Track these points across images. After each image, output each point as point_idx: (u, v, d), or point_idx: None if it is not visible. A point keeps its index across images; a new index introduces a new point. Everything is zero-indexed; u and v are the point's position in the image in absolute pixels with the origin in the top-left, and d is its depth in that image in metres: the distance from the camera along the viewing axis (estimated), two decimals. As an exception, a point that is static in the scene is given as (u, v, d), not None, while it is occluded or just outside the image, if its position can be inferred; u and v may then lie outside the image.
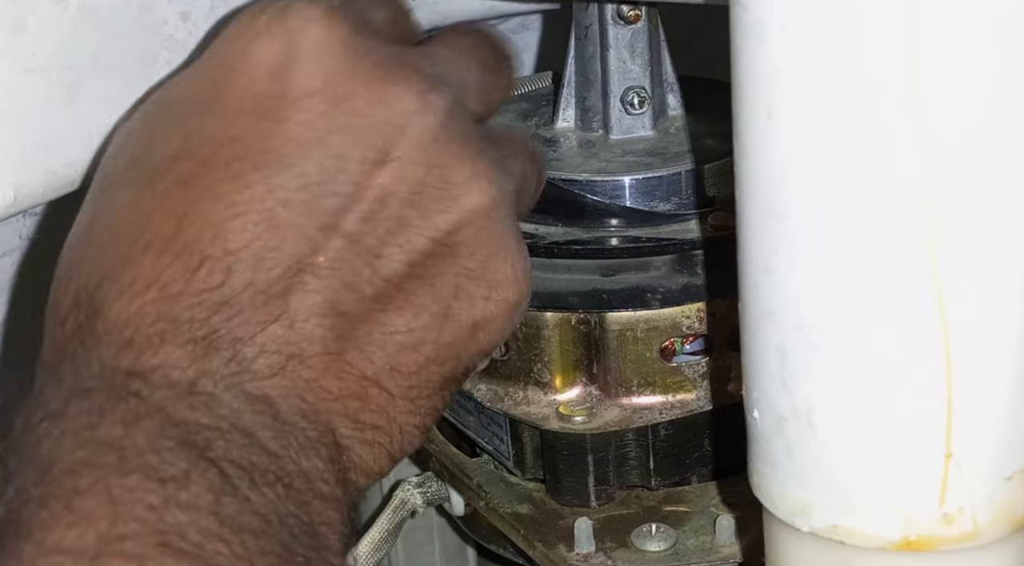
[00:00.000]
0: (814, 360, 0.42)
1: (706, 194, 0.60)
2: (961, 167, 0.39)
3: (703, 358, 0.58)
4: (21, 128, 0.49)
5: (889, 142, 0.39)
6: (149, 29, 0.52)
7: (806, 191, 0.40)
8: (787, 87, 0.40)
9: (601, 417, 0.58)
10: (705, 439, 0.59)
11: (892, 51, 0.38)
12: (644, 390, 0.58)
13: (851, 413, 0.42)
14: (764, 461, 0.46)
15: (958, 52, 0.37)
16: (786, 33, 0.39)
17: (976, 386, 0.41)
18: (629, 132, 0.63)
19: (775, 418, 0.44)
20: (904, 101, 0.38)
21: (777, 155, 0.41)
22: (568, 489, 0.58)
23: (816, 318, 0.42)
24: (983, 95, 0.38)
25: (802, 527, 0.45)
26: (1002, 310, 0.41)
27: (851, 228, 0.40)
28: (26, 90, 0.49)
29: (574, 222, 0.60)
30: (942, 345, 0.40)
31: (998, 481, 0.43)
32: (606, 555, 0.56)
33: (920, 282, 0.40)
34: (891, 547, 0.43)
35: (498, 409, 0.59)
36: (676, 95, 0.65)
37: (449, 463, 0.63)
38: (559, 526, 0.58)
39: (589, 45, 0.62)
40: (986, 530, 0.43)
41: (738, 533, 0.56)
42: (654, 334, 0.57)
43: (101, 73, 0.51)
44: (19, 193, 0.50)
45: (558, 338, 0.58)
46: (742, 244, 0.44)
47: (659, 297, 0.57)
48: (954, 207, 0.39)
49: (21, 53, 0.48)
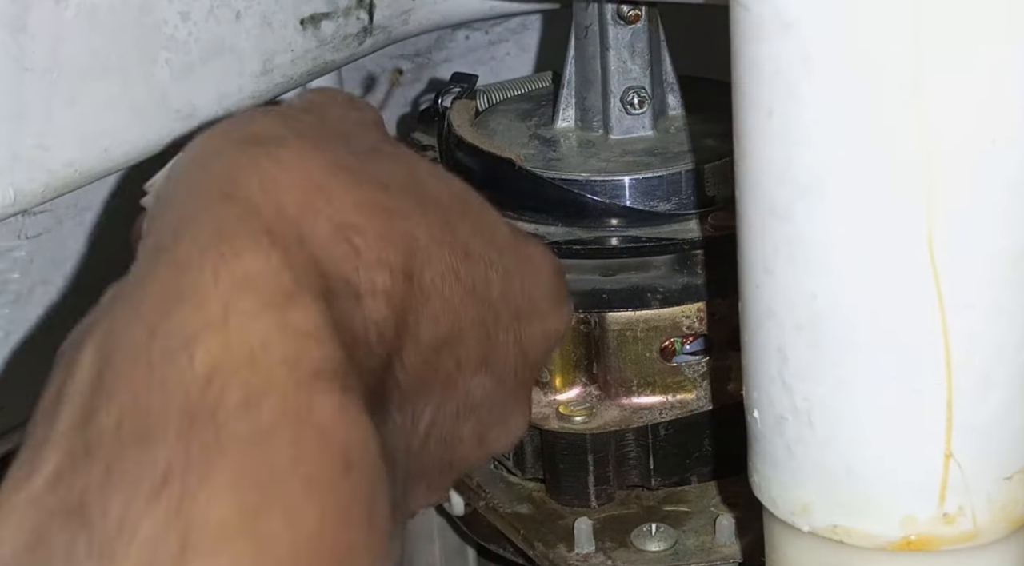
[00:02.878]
0: (814, 360, 0.42)
1: (706, 194, 0.60)
2: (962, 167, 0.39)
3: (703, 358, 0.58)
4: (21, 128, 0.49)
5: (890, 142, 0.39)
6: (149, 29, 0.52)
7: (806, 191, 0.40)
8: (787, 87, 0.40)
9: (601, 417, 0.58)
10: (705, 439, 0.59)
11: (894, 50, 0.38)
12: (644, 390, 0.58)
13: (851, 413, 0.42)
14: (764, 461, 0.46)
15: (960, 52, 0.37)
16: (786, 32, 0.39)
17: (976, 386, 0.41)
18: (629, 132, 0.63)
19: (775, 418, 0.44)
20: (906, 101, 0.38)
21: (777, 155, 0.41)
22: (568, 489, 0.58)
23: (816, 318, 0.42)
24: (986, 96, 0.38)
25: (802, 527, 0.45)
26: (1002, 311, 0.41)
27: (851, 228, 0.40)
28: (26, 90, 0.49)
29: (574, 222, 0.60)
30: (942, 345, 0.40)
31: (998, 481, 0.43)
32: (606, 555, 0.56)
33: (920, 282, 0.40)
34: (891, 547, 0.43)
35: (498, 409, 0.59)
36: (676, 95, 0.65)
37: (449, 463, 0.63)
38: (559, 526, 0.58)
39: (589, 45, 0.62)
40: (986, 530, 0.43)
41: (738, 533, 0.56)
42: (654, 334, 0.57)
43: (101, 73, 0.51)
44: (19, 193, 0.50)
45: (558, 338, 0.58)
46: (742, 244, 0.44)
47: (659, 297, 0.57)
48: (955, 207, 0.39)
49: (21, 53, 0.48)
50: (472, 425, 0.47)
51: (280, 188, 0.40)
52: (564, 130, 0.65)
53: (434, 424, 0.46)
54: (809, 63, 0.39)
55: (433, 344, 0.43)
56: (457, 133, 0.64)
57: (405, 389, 0.43)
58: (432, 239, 0.43)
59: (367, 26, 0.65)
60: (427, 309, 0.43)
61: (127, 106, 0.52)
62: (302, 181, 0.40)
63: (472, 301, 0.45)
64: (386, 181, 0.43)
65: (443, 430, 0.46)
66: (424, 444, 0.46)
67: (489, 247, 0.46)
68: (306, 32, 0.60)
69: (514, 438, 0.50)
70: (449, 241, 0.44)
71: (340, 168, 0.42)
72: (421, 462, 0.46)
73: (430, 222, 0.44)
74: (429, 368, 0.44)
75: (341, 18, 0.63)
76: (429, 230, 0.43)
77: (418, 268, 0.42)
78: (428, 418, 0.45)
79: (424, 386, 0.44)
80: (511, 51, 0.84)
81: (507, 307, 0.47)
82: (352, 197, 0.41)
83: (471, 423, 0.47)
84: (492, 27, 0.83)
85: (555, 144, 0.64)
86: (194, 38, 0.54)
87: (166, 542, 0.32)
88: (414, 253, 0.42)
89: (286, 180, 0.40)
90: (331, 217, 0.40)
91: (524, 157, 0.61)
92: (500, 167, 0.61)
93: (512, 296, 0.47)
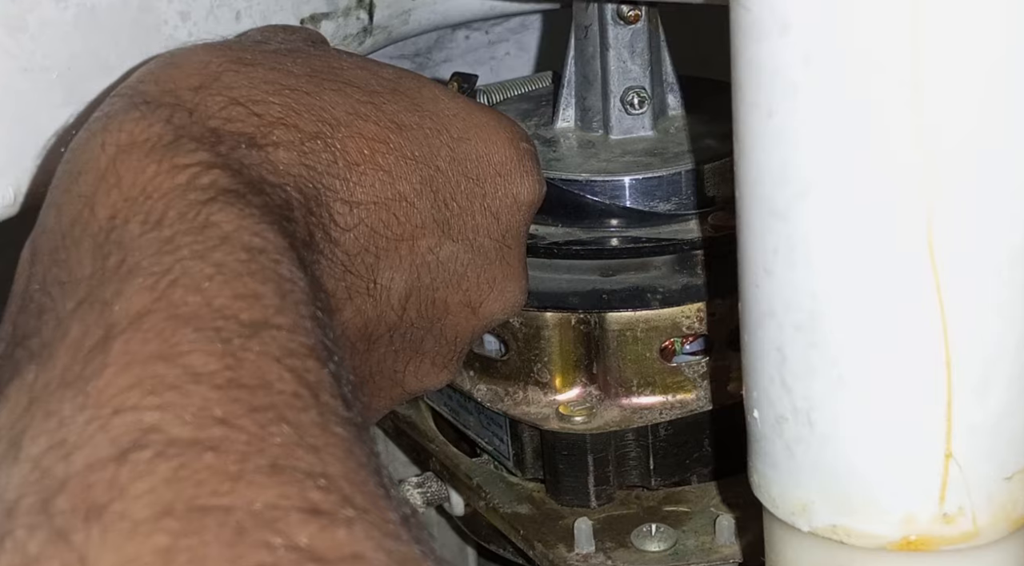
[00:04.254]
0: (814, 360, 0.42)
1: (706, 194, 0.60)
2: (962, 167, 0.39)
3: (703, 358, 0.58)
4: (21, 128, 0.49)
5: (889, 142, 0.39)
6: (149, 29, 0.52)
7: (806, 191, 0.40)
8: (787, 87, 0.40)
9: (601, 417, 0.58)
10: (705, 439, 0.59)
11: (893, 50, 0.38)
12: (644, 390, 0.58)
13: (851, 413, 0.42)
14: (764, 461, 0.46)
15: (960, 52, 0.37)
16: (786, 33, 0.39)
17: (976, 386, 0.41)
18: (629, 132, 0.63)
19: (775, 418, 0.44)
20: (905, 101, 0.38)
21: (777, 155, 0.41)
22: (568, 489, 0.58)
23: (815, 318, 0.42)
24: (985, 95, 0.38)
25: (802, 527, 0.45)
26: (1002, 311, 0.41)
27: (851, 228, 0.40)
28: (26, 90, 0.49)
29: (574, 222, 0.60)
30: (942, 345, 0.40)
31: (998, 481, 0.43)
32: (606, 555, 0.56)
33: (920, 282, 0.40)
34: (891, 547, 0.43)
35: (498, 409, 0.59)
36: (676, 95, 0.65)
37: (449, 463, 0.63)
38: (559, 526, 0.58)
39: (589, 45, 0.62)
40: (986, 530, 0.43)
41: (738, 533, 0.56)
42: (654, 334, 0.57)
43: (101, 73, 0.51)
44: (19, 193, 0.50)
45: (558, 338, 0.58)
46: (742, 244, 0.44)
47: (659, 297, 0.57)
48: (954, 207, 0.39)
49: (21, 53, 0.48)
50: (458, 295, 0.50)
51: (172, 78, 0.43)
52: (564, 130, 0.65)
53: (409, 296, 0.48)
54: (808, 63, 0.39)
55: (370, 206, 0.45)
56: (457, 133, 0.64)
57: (348, 248, 0.45)
58: (352, 114, 0.46)
59: (367, 26, 0.65)
60: (354, 174, 0.45)
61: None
62: (198, 71, 0.44)
63: (413, 167, 0.47)
64: (296, 71, 0.46)
65: (421, 301, 0.49)
66: (403, 316, 0.48)
67: (427, 118, 0.49)
68: (306, 32, 0.60)
69: (512, 305, 0.53)
70: (374, 117, 0.47)
71: (244, 62, 0.45)
72: (411, 336, 0.49)
73: (348, 101, 0.46)
74: (371, 231, 0.46)
75: (341, 18, 0.63)
76: (346, 107, 0.46)
77: (337, 137, 0.45)
78: (400, 289, 0.48)
79: (373, 249, 0.46)
80: (511, 51, 0.84)
81: (462, 172, 0.49)
82: (251, 80, 0.44)
83: (456, 293, 0.50)
84: (492, 27, 0.83)
85: (555, 144, 0.64)
86: (194, 38, 0.54)
87: (92, 333, 0.35)
88: (327, 122, 0.45)
89: (179, 73, 0.43)
90: (226, 93, 0.43)
91: (524, 157, 0.61)
92: (500, 167, 0.61)
93: (466, 161, 0.50)
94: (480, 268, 0.51)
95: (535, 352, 0.58)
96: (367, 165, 0.46)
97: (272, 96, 0.44)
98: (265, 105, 0.44)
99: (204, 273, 0.36)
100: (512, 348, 0.58)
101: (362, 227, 0.45)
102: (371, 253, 0.46)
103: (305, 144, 0.44)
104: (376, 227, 0.46)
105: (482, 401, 0.59)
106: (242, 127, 0.42)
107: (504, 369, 0.59)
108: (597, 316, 0.57)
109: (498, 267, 0.51)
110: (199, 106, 0.42)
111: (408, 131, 0.48)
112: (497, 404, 0.59)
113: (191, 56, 0.45)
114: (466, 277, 0.50)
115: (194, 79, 0.43)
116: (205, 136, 0.41)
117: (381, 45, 0.67)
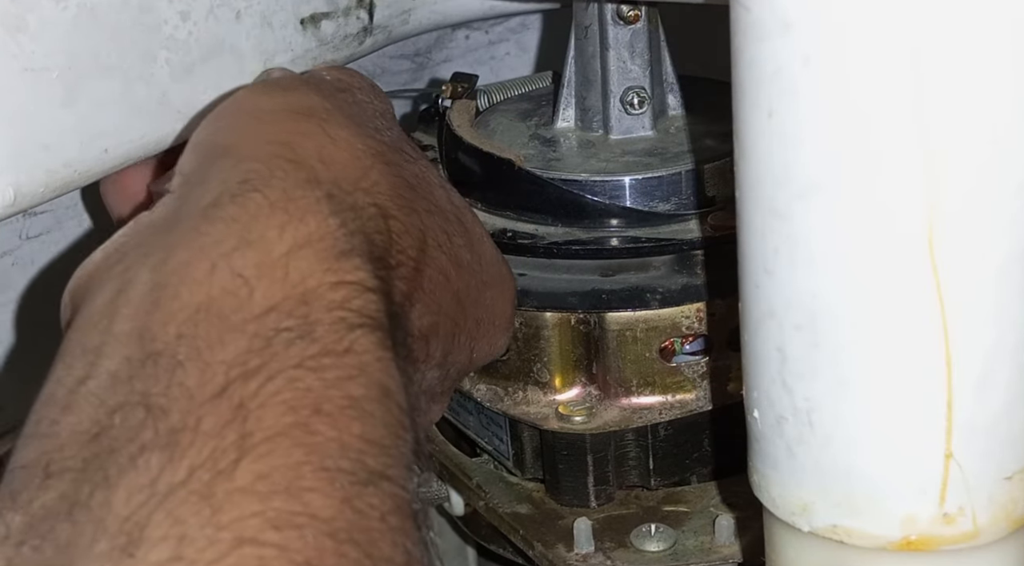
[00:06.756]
0: (814, 360, 0.42)
1: (706, 194, 0.60)
2: (962, 167, 0.39)
3: (703, 358, 0.58)
4: (21, 128, 0.49)
5: (890, 142, 0.39)
6: (149, 29, 0.52)
7: (806, 191, 0.40)
8: (787, 87, 0.40)
9: (601, 417, 0.58)
10: (705, 439, 0.59)
11: (894, 50, 0.38)
12: (644, 390, 0.58)
13: (851, 413, 0.42)
14: (764, 461, 0.46)
15: (960, 52, 0.37)
16: (786, 32, 0.39)
17: (976, 386, 0.41)
18: (629, 132, 0.63)
19: (775, 418, 0.44)
20: (906, 100, 0.38)
21: (777, 155, 0.41)
22: (567, 489, 0.58)
23: (816, 318, 0.42)
24: (985, 95, 0.38)
25: (802, 527, 0.45)
26: (1002, 311, 0.41)
27: (851, 228, 0.40)
28: (26, 90, 0.49)
29: (574, 222, 0.60)
30: (942, 345, 0.40)
31: (998, 481, 0.43)
32: (605, 555, 0.56)
33: (921, 282, 0.40)
34: (891, 547, 0.43)
35: (498, 409, 0.59)
36: (676, 95, 0.65)
37: (449, 463, 0.63)
38: (558, 526, 0.58)
39: (589, 45, 0.62)
40: (986, 530, 0.43)
41: (738, 533, 0.56)
42: (654, 334, 0.57)
43: (101, 73, 0.51)
44: (19, 193, 0.50)
45: (558, 338, 0.58)
46: (742, 244, 0.44)
47: (659, 297, 0.57)
48: (955, 207, 0.39)
49: (21, 53, 0.48)
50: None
51: (336, 163, 0.44)
52: (564, 130, 0.65)
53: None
54: (809, 63, 0.39)
55: (416, 335, 0.46)
56: (457, 133, 0.64)
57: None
58: (436, 243, 0.47)
59: (367, 26, 0.65)
60: (420, 304, 0.46)
61: (127, 106, 0.52)
62: (353, 161, 0.44)
63: (454, 305, 0.49)
64: (411, 181, 0.47)
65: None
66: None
67: (477, 261, 0.51)
68: (306, 32, 0.60)
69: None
70: (447, 248, 0.48)
71: (379, 157, 0.46)
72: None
73: (435, 227, 0.48)
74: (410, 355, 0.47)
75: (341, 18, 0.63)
76: (434, 234, 0.47)
77: (424, 265, 0.46)
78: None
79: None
80: (511, 51, 0.84)
81: (474, 316, 0.51)
82: (388, 185, 0.45)
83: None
84: (492, 27, 0.83)
85: (555, 144, 0.64)
86: (194, 38, 0.54)
87: (226, 435, 0.34)
88: (419, 248, 0.46)
89: (340, 157, 0.44)
90: (374, 199, 0.44)
91: (524, 157, 0.61)
92: (500, 167, 0.61)
93: (481, 307, 0.52)
94: (444, 391, 0.53)
95: (535, 352, 0.58)
96: (429, 294, 0.47)
97: (399, 211, 0.45)
98: (396, 221, 0.45)
99: (338, 404, 0.36)
100: (512, 348, 0.58)
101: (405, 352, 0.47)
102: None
103: (409, 273, 0.45)
104: (412, 352, 0.47)
105: (482, 401, 0.59)
106: (381, 244, 0.43)
107: (504, 369, 0.59)
108: (597, 316, 0.57)
109: (446, 398, 0.54)
110: (361, 212, 0.43)
111: (462, 271, 0.49)
112: (497, 404, 0.59)
113: (340, 133, 0.45)
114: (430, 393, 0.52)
115: (351, 168, 0.44)
116: (365, 251, 0.41)
117: (381, 45, 0.67)
